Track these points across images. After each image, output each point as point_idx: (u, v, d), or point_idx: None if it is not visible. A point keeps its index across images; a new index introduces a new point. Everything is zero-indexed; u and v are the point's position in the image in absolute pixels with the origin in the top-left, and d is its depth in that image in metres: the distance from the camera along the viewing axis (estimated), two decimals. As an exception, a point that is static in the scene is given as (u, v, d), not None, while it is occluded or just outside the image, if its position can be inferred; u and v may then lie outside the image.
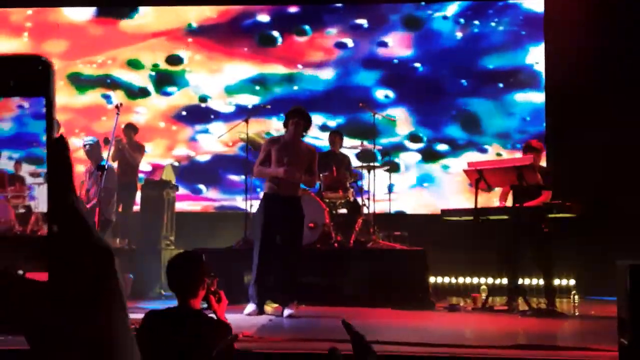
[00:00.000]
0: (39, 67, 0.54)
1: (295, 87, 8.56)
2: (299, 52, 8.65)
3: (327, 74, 8.54)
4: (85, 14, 8.97)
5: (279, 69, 8.64)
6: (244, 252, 6.38)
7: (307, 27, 8.63)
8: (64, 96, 8.82)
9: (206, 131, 8.68)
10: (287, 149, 5.33)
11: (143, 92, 8.79)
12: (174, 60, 8.82)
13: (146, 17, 8.95)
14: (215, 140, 8.48)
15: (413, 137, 8.28)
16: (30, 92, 0.54)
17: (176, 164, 8.49)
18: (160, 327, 2.72)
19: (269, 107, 7.47)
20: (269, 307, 5.72)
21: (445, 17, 8.41)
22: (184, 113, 8.75)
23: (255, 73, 8.65)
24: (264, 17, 8.75)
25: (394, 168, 7.74)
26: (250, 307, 5.25)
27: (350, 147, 7.29)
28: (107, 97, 8.81)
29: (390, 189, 7.34)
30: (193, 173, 8.57)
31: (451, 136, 8.22)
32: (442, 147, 8.24)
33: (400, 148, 8.23)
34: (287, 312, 5.18)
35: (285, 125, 5.44)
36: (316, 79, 8.55)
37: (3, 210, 0.86)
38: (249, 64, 8.69)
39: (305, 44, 8.67)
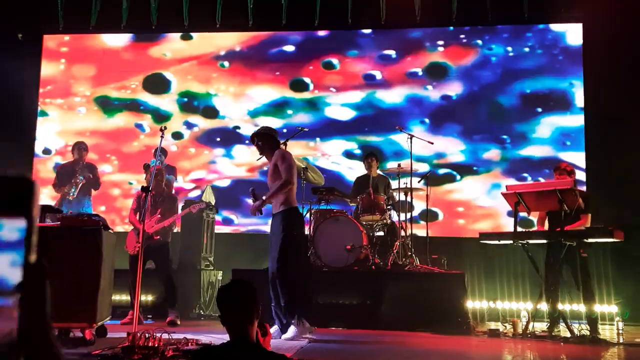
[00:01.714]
0: (23, 187, 0.50)
1: (325, 111, 8.65)
2: (327, 77, 8.73)
3: (355, 98, 8.60)
4: (121, 40, 9.26)
5: (305, 94, 8.74)
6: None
7: (334, 61, 8.72)
8: (93, 120, 9.09)
9: (229, 155, 8.74)
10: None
11: (168, 117, 8.98)
12: (203, 84, 8.99)
13: (175, 43, 9.18)
14: (233, 165, 8.60)
15: (449, 160, 8.24)
16: (11, 212, 0.50)
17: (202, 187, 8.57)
18: None
19: (306, 129, 7.53)
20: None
21: (482, 41, 8.41)
22: (208, 136, 8.87)
23: (280, 97, 8.77)
24: (292, 42, 8.89)
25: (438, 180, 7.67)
26: (293, 330, 5.15)
27: (387, 170, 7.29)
28: (139, 126, 9.03)
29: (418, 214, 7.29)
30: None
31: (489, 160, 8.15)
32: (480, 170, 8.18)
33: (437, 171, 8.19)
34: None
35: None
36: (345, 104, 8.62)
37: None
38: (274, 88, 8.82)
39: (333, 70, 8.77)
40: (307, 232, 6.74)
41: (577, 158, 7.71)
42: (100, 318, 4.83)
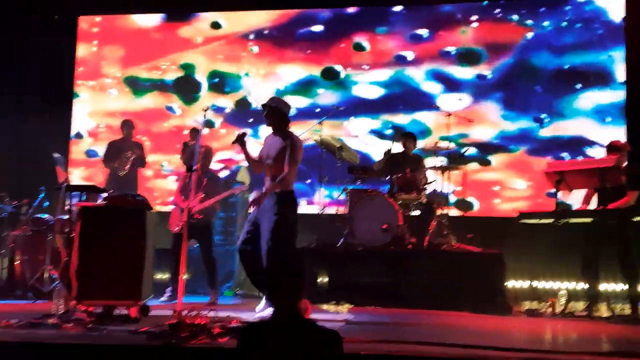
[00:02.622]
0: None
1: (353, 90, 8.59)
2: (356, 56, 8.65)
3: (384, 76, 8.51)
4: (152, 20, 9.25)
5: (333, 73, 8.67)
6: (318, 253, 6.49)
7: (364, 42, 8.63)
8: (123, 101, 9.15)
9: (255, 135, 8.61)
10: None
11: (197, 98, 8.98)
12: (232, 64, 8.97)
13: (205, 22, 9.15)
14: (260, 145, 8.53)
15: (481, 139, 8.15)
16: None
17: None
18: (268, 341, 2.54)
19: (341, 108, 7.52)
20: (344, 308, 5.78)
21: (518, 16, 8.25)
22: (235, 116, 8.85)
23: (307, 75, 8.71)
24: (321, 19, 8.81)
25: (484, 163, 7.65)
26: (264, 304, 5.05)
27: (423, 148, 7.24)
28: (169, 108, 9.06)
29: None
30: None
31: (530, 137, 8.04)
32: (518, 148, 8.08)
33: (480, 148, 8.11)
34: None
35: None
36: (374, 82, 8.54)
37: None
38: (303, 67, 8.76)
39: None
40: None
41: (617, 134, 7.55)
42: (144, 296, 4.92)
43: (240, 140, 5.16)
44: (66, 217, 6.00)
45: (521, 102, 8.10)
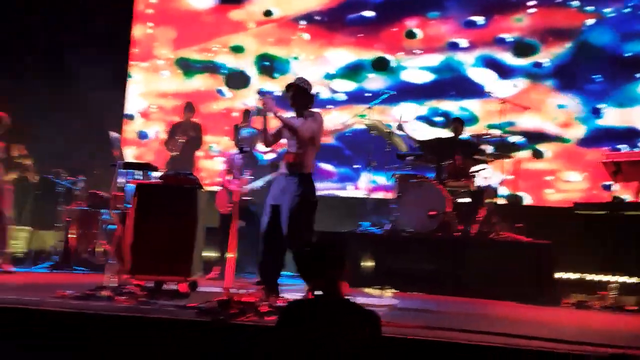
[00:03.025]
0: None
1: (402, 75, 8.49)
2: (407, 42, 8.54)
3: (434, 61, 8.39)
4: (206, 2, 9.31)
5: (378, 55, 8.59)
6: (364, 237, 6.49)
7: (416, 30, 8.51)
8: (174, 82, 9.26)
9: None
10: None
11: (246, 80, 9.03)
12: (281, 47, 8.98)
13: (257, 5, 9.16)
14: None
15: (538, 127, 7.96)
16: None
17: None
18: (308, 318, 2.59)
19: (393, 93, 7.46)
20: (388, 293, 5.77)
21: (578, 1, 7.99)
22: (284, 100, 8.85)
23: (356, 59, 8.65)
24: (373, 3, 8.72)
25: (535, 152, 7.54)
26: None
27: (473, 135, 7.13)
28: (220, 92, 9.14)
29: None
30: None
31: (585, 126, 7.82)
32: (571, 139, 7.87)
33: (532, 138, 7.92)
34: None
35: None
36: (423, 67, 8.43)
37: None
38: (355, 51, 8.69)
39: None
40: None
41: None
42: (194, 273, 5.03)
43: (267, 103, 5.00)
44: (120, 193, 6.17)
45: (578, 91, 7.88)
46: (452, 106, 8.26)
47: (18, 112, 6.52)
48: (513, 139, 6.98)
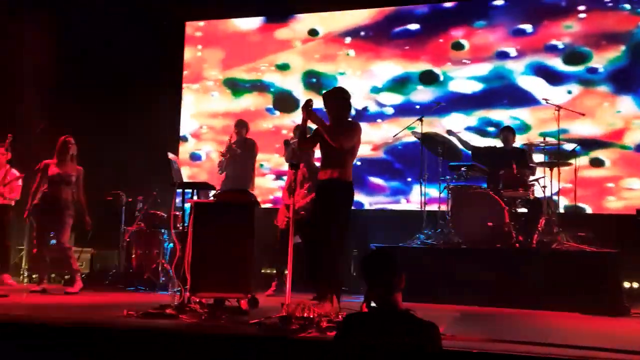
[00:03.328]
0: None
1: (450, 86, 8.44)
2: (454, 54, 8.50)
3: (482, 71, 8.31)
4: (252, 23, 9.50)
5: (424, 67, 8.57)
6: (420, 250, 6.42)
7: (463, 40, 8.45)
8: (223, 102, 9.43)
9: None
10: None
11: (293, 97, 9.12)
12: (326, 63, 9.05)
13: (302, 23, 9.29)
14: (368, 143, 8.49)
15: (593, 133, 7.76)
16: None
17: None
18: (366, 330, 2.57)
19: (443, 104, 7.41)
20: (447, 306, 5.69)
21: (629, 4, 7.79)
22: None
23: (407, 72, 8.63)
24: (418, 15, 8.74)
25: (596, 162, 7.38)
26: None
27: (527, 143, 7.00)
28: (269, 110, 9.25)
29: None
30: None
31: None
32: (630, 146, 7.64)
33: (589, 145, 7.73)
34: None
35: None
36: (472, 77, 8.36)
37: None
38: (401, 64, 8.68)
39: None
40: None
41: None
42: (253, 289, 5.07)
43: (307, 107, 4.89)
44: (179, 213, 6.31)
45: (635, 95, 7.65)
46: (502, 115, 8.15)
47: (79, 136, 6.75)
48: (569, 146, 6.80)
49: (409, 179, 8.28)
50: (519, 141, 7.25)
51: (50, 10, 8.50)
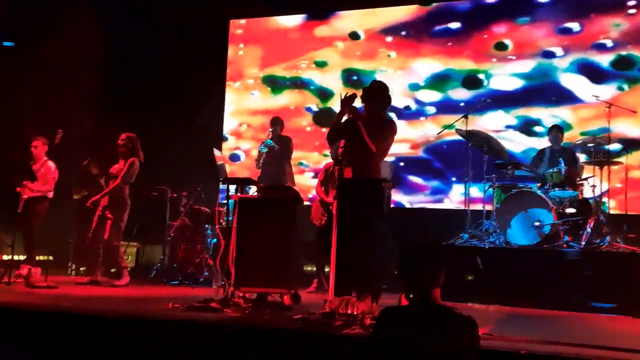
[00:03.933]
0: None
1: (491, 83, 8.29)
2: (495, 52, 8.35)
3: (525, 68, 8.14)
4: (294, 20, 9.50)
5: (468, 64, 8.42)
6: (465, 250, 6.32)
7: (506, 41, 8.30)
8: (262, 99, 9.46)
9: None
10: None
11: (329, 93, 9.09)
12: (367, 61, 8.97)
13: (343, 20, 9.24)
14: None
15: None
16: None
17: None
18: (402, 324, 2.55)
19: (489, 100, 7.26)
20: (492, 307, 5.59)
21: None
22: None
23: (448, 69, 8.52)
24: (460, 11, 8.62)
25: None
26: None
27: (578, 142, 6.81)
28: (309, 109, 9.24)
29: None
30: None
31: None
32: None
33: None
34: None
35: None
36: (514, 74, 8.19)
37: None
38: (443, 61, 8.57)
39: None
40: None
41: None
42: (296, 285, 5.08)
43: (349, 101, 4.75)
44: (223, 208, 6.37)
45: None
46: (542, 114, 7.98)
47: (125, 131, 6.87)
48: (613, 146, 6.57)
49: (454, 178, 8.17)
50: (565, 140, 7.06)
51: (99, 10, 8.69)
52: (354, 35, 9.12)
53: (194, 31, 9.25)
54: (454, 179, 8.25)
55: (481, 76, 8.35)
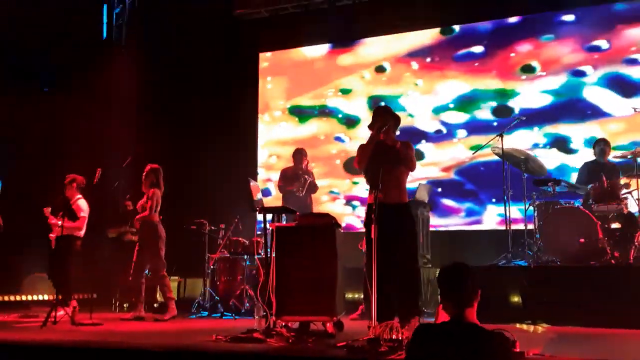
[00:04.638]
0: None
1: (518, 102, 8.23)
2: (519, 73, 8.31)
3: (553, 84, 8.08)
4: (319, 50, 9.58)
5: (496, 84, 8.39)
6: (508, 270, 6.20)
7: (534, 63, 8.24)
8: (289, 129, 9.52)
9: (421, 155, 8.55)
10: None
11: (355, 120, 9.14)
12: (392, 85, 8.99)
13: (368, 47, 9.28)
14: (421, 165, 8.21)
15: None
16: None
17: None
18: (435, 341, 2.64)
19: (523, 118, 7.19)
20: (541, 327, 5.44)
21: None
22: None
23: (474, 90, 8.50)
24: (483, 32, 8.62)
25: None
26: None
27: (620, 156, 6.67)
28: (340, 139, 9.24)
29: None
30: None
31: None
32: None
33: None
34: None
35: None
36: (543, 91, 8.12)
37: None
38: (469, 81, 8.54)
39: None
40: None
41: None
42: (338, 312, 5.03)
43: (384, 128, 4.94)
44: (261, 238, 6.38)
45: None
46: (570, 130, 7.89)
47: (164, 168, 6.99)
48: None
49: (494, 199, 8.06)
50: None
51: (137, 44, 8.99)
52: (380, 69, 9.14)
53: (226, 63, 9.45)
54: (494, 199, 8.12)
55: (506, 95, 8.29)
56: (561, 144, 7.95)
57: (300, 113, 9.56)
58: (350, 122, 9.23)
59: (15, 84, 8.27)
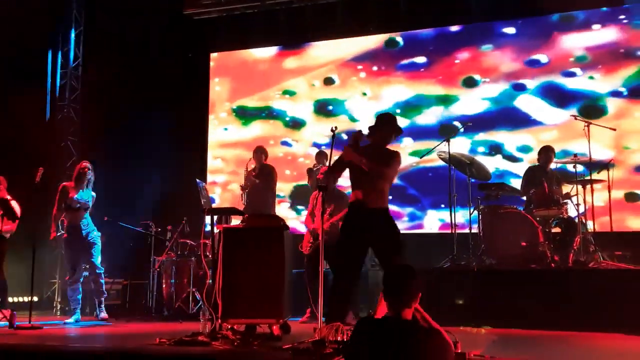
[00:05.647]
0: None
1: (452, 109, 8.41)
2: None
3: (492, 92, 8.29)
4: (266, 52, 9.56)
5: (437, 90, 8.55)
6: (452, 273, 6.31)
7: (476, 76, 8.44)
8: (233, 131, 9.46)
9: None
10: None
11: (301, 123, 9.16)
12: (330, 88, 9.07)
13: (315, 49, 9.34)
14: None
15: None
16: None
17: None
18: (374, 332, 2.84)
19: (470, 124, 7.34)
20: (483, 329, 5.55)
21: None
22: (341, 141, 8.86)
23: (418, 94, 8.62)
24: (426, 38, 8.79)
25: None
26: None
27: (559, 161, 6.90)
28: (287, 144, 9.23)
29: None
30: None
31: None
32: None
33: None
34: None
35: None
36: (484, 98, 8.32)
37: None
38: (411, 87, 8.67)
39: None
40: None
41: None
42: (285, 315, 5.01)
43: (356, 143, 4.79)
44: (208, 240, 6.31)
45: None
46: (505, 137, 8.12)
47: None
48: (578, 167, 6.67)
49: (443, 205, 8.16)
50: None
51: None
52: (329, 81, 9.16)
53: (177, 63, 9.35)
54: (442, 205, 8.20)
55: (447, 100, 8.44)
56: (497, 150, 8.14)
57: (244, 114, 9.48)
58: (296, 124, 9.23)
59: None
